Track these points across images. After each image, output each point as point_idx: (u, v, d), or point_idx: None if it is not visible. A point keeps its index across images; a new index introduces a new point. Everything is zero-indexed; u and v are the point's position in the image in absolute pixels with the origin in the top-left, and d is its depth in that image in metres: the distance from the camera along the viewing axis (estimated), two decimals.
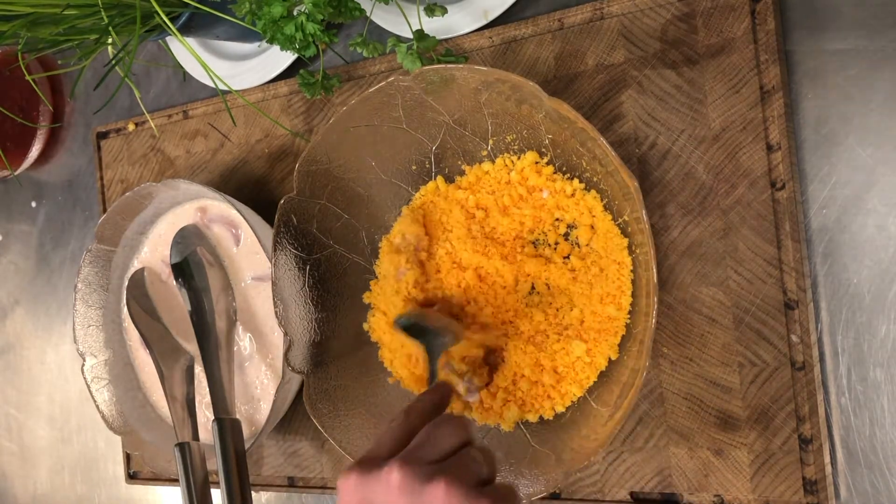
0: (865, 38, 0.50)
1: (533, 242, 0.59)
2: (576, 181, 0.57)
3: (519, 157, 0.59)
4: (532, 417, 0.59)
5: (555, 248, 0.59)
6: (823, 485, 0.51)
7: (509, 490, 0.43)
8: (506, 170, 0.60)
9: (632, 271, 0.55)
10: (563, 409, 0.58)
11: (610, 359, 0.56)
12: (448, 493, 0.40)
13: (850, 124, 0.51)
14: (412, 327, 0.56)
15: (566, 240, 0.58)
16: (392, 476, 0.41)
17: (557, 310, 0.58)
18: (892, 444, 0.50)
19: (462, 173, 0.62)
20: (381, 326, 0.64)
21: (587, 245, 0.57)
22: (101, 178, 0.85)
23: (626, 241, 0.55)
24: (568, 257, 0.58)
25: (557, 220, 0.59)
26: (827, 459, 0.51)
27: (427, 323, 0.56)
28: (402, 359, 0.62)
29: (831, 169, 0.52)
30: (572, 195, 0.58)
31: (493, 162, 0.61)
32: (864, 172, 0.51)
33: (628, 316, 0.55)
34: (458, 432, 0.44)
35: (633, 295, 0.55)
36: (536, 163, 0.59)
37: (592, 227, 0.57)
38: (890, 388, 0.50)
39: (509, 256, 0.59)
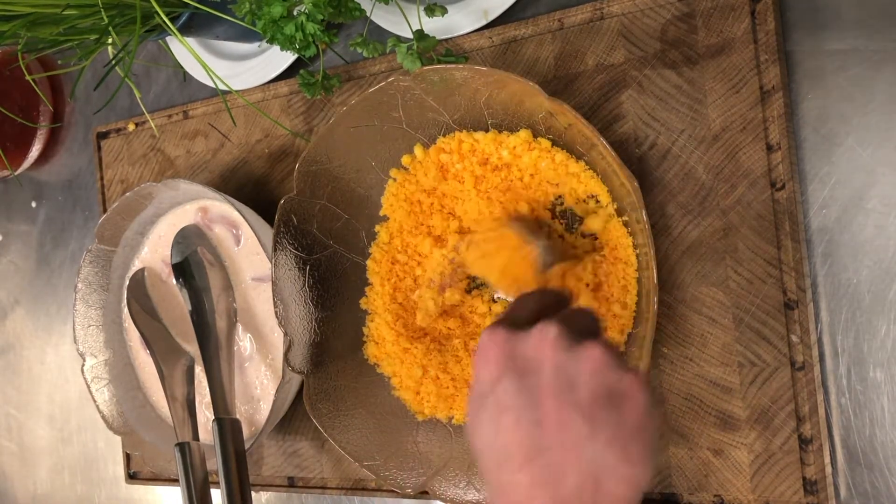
0: (865, 38, 0.50)
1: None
2: (581, 162, 0.57)
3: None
4: None
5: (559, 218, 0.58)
6: (823, 485, 0.51)
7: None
8: (494, 144, 0.59)
9: (634, 270, 0.55)
10: None
11: None
12: (604, 355, 0.40)
13: (850, 124, 0.51)
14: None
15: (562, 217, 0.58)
16: (549, 331, 0.41)
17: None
18: (892, 444, 0.50)
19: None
20: (379, 333, 0.64)
21: (593, 220, 0.56)
22: (101, 178, 0.85)
23: (631, 241, 0.55)
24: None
25: (559, 198, 0.58)
26: (827, 459, 0.51)
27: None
28: (411, 374, 0.63)
29: (831, 169, 0.52)
30: (577, 175, 0.57)
31: (487, 132, 0.59)
32: (864, 172, 0.51)
33: (634, 313, 0.55)
34: (598, 321, 0.46)
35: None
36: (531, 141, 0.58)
37: (598, 202, 0.56)
38: (890, 388, 0.50)
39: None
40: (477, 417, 0.42)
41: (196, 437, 0.70)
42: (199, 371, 0.74)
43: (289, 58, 0.71)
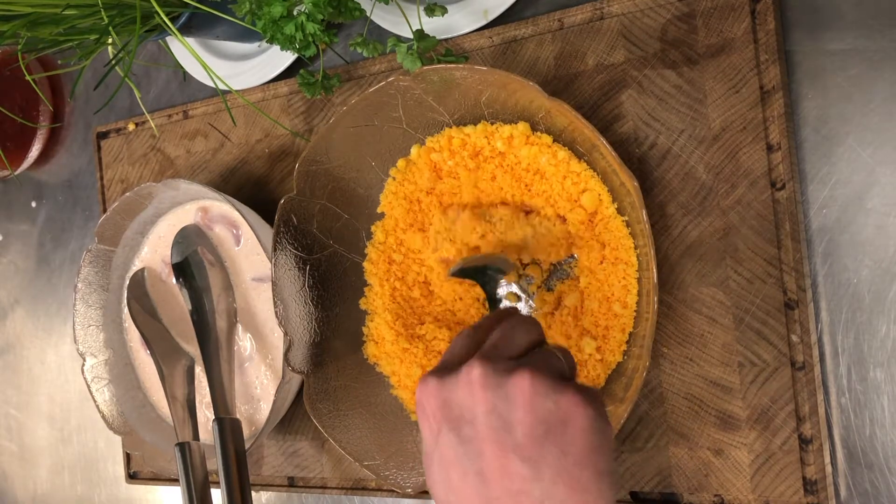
0: (865, 38, 0.50)
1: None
2: (583, 162, 0.57)
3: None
4: None
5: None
6: (823, 485, 0.51)
7: (592, 388, 0.41)
8: (486, 135, 0.58)
9: (635, 270, 0.55)
10: None
11: None
12: (533, 384, 0.38)
13: (850, 124, 0.51)
14: (464, 272, 0.56)
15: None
16: (473, 372, 0.39)
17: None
18: (892, 444, 0.50)
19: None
20: (378, 332, 0.64)
21: (597, 221, 0.56)
22: (101, 178, 0.85)
23: (632, 241, 0.55)
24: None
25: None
26: (827, 459, 0.51)
27: (477, 263, 0.56)
28: (405, 372, 0.63)
29: (831, 169, 0.52)
30: (578, 175, 0.56)
31: (476, 126, 0.59)
32: (864, 172, 0.51)
33: (634, 313, 0.55)
34: (532, 330, 0.43)
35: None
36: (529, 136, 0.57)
37: (599, 199, 0.56)
38: (890, 388, 0.50)
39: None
40: (430, 476, 0.42)
41: (196, 437, 0.70)
42: (199, 371, 0.74)
43: (289, 58, 0.71)
